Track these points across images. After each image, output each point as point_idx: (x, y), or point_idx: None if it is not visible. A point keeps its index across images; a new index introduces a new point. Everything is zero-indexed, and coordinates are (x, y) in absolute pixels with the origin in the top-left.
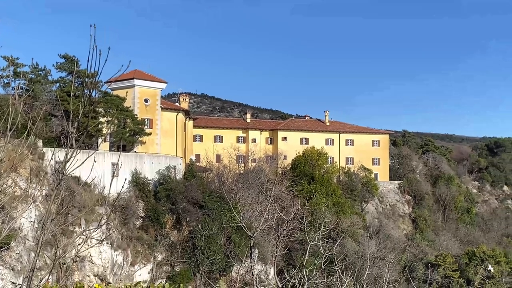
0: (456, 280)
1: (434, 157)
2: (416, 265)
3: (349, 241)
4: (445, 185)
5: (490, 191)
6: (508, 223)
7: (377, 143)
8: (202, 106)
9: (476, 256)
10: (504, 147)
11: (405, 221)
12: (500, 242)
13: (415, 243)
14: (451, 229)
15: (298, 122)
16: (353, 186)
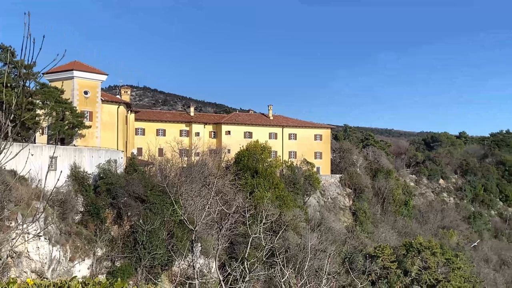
0: (394, 271)
1: (374, 151)
2: (356, 256)
3: (291, 234)
4: (384, 178)
5: (426, 184)
6: (444, 215)
7: (320, 137)
8: (144, 99)
9: (413, 247)
10: (440, 142)
11: (346, 213)
12: (436, 234)
13: (355, 235)
14: (390, 221)
15: (242, 116)
16: (296, 180)
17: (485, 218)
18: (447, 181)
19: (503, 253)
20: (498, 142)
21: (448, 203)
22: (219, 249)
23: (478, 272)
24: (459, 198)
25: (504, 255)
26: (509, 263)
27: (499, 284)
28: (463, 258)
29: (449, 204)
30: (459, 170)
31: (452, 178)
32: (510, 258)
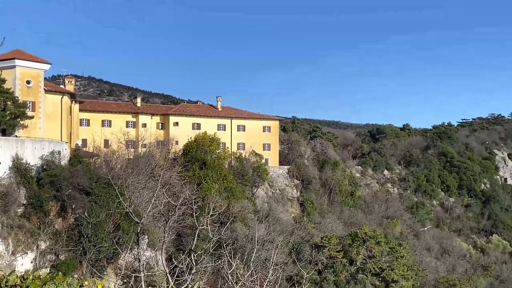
0: (340, 261)
1: (321, 143)
2: (303, 246)
3: (239, 225)
4: (331, 169)
5: (372, 175)
6: (388, 205)
7: (268, 129)
8: (89, 89)
9: (359, 237)
10: (385, 134)
11: (294, 204)
12: (380, 223)
13: (302, 225)
14: (336, 211)
15: (190, 107)
16: (244, 171)
17: (427, 208)
18: (391, 172)
19: (444, 242)
20: (440, 134)
21: (392, 193)
22: (165, 241)
23: (420, 261)
24: (402, 188)
25: (445, 244)
26: (449, 251)
27: (440, 272)
28: (406, 247)
29: (393, 194)
30: (403, 161)
31: (396, 169)
32: (450, 247)
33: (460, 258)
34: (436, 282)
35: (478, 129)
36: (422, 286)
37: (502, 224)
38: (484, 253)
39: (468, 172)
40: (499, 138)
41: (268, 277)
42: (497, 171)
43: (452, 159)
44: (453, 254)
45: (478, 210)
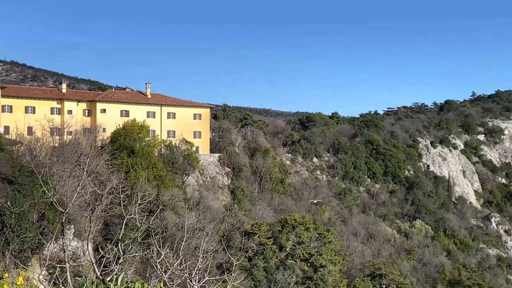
0: (270, 247)
1: (252, 130)
2: (234, 234)
3: (169, 214)
4: (261, 157)
5: (301, 162)
6: (317, 192)
7: (199, 116)
8: (12, 74)
9: (288, 223)
10: (315, 122)
11: (224, 192)
12: (309, 210)
13: (233, 213)
14: (267, 199)
15: (118, 93)
16: (174, 159)
17: (354, 194)
18: (321, 159)
19: (370, 227)
20: (366, 123)
21: (321, 180)
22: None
23: (347, 245)
24: (331, 175)
25: (371, 229)
26: (375, 236)
27: (366, 256)
28: (334, 232)
29: (322, 181)
30: (332, 148)
31: (325, 156)
32: (376, 232)
33: (385, 243)
34: (362, 266)
35: (402, 118)
36: (349, 270)
37: (425, 209)
38: (408, 237)
39: (393, 159)
40: (422, 127)
41: (198, 265)
42: (420, 159)
43: (378, 146)
44: (378, 238)
45: (402, 196)
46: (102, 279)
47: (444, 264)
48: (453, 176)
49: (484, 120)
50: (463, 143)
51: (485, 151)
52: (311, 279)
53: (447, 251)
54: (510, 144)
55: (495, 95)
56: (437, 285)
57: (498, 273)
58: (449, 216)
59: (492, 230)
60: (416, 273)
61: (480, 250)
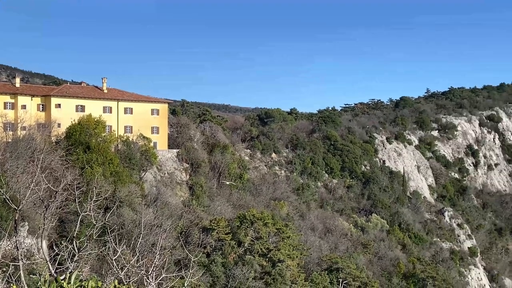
0: (228, 243)
1: (211, 126)
2: (192, 230)
3: (126, 210)
4: (220, 153)
5: (260, 158)
6: (276, 187)
7: (157, 112)
8: None
9: (247, 219)
10: (273, 118)
11: (183, 188)
12: (268, 205)
13: (191, 209)
14: (225, 194)
15: (73, 88)
16: (131, 155)
17: (312, 189)
18: (279, 155)
19: (328, 222)
20: (324, 119)
21: (280, 176)
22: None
23: (305, 240)
24: (289, 171)
25: (328, 223)
26: (332, 231)
27: (323, 250)
28: (292, 227)
29: (280, 177)
30: (290, 144)
31: (284, 152)
32: (333, 226)
33: (342, 237)
34: (320, 260)
35: (359, 114)
36: (307, 264)
37: (381, 203)
38: (364, 231)
39: (350, 154)
40: (378, 123)
41: (155, 262)
42: (376, 154)
43: (336, 142)
44: (335, 233)
45: (359, 190)
46: (55, 277)
47: (399, 257)
48: (408, 171)
49: (438, 116)
50: (417, 138)
51: (439, 147)
52: (269, 274)
53: (402, 245)
54: (462, 140)
55: (448, 92)
56: (392, 278)
57: (451, 266)
58: (404, 210)
59: (445, 224)
60: (372, 267)
61: (434, 243)
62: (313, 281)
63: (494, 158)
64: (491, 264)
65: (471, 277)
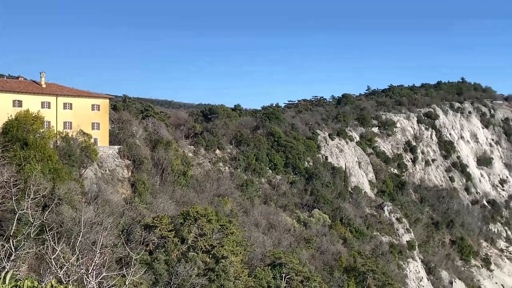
0: (171, 240)
1: (154, 122)
2: (134, 227)
3: (65, 208)
4: (163, 149)
5: (204, 154)
6: (220, 184)
7: (97, 107)
8: None
9: (190, 216)
10: (217, 114)
11: (124, 185)
12: (212, 202)
13: (133, 206)
14: (168, 191)
15: (10, 82)
16: (71, 152)
17: (256, 185)
18: (223, 151)
19: (271, 217)
20: (268, 115)
21: (224, 172)
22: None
23: (249, 236)
24: (233, 167)
25: (272, 219)
26: (276, 226)
27: (267, 246)
28: (236, 223)
29: (224, 173)
30: (234, 140)
31: (228, 148)
32: (277, 222)
33: (285, 232)
34: (263, 256)
35: (302, 111)
36: (250, 260)
37: (323, 199)
38: (307, 226)
39: (293, 151)
40: (321, 119)
41: (95, 260)
42: (319, 150)
43: (279, 138)
44: (279, 228)
45: (302, 186)
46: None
47: (341, 251)
48: (350, 167)
49: (378, 113)
50: (358, 135)
51: (379, 143)
52: (213, 270)
53: (344, 239)
54: (401, 136)
55: (388, 90)
56: (334, 272)
57: (390, 259)
58: (345, 206)
59: (385, 218)
60: (314, 261)
61: (374, 237)
62: (256, 277)
63: (431, 154)
64: (429, 257)
65: (410, 269)
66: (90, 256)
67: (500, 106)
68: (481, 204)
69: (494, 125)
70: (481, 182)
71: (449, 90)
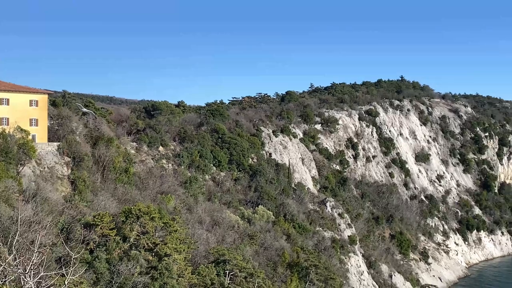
0: (113, 238)
1: (95, 118)
2: (74, 226)
3: (2, 206)
4: (104, 146)
5: (147, 151)
6: (163, 181)
7: (36, 103)
8: None
9: (133, 213)
10: (160, 110)
11: (64, 183)
12: (155, 199)
13: (73, 204)
14: (110, 189)
15: None
16: (8, 149)
17: (200, 182)
18: (166, 148)
19: (215, 214)
20: (212, 112)
21: (167, 169)
22: None
23: (193, 233)
24: (177, 164)
25: (216, 216)
26: (220, 223)
27: (211, 243)
28: (180, 221)
29: (167, 170)
30: (178, 137)
31: (171, 145)
32: (221, 219)
33: (229, 229)
34: (207, 253)
35: (247, 107)
36: (194, 257)
37: (267, 195)
38: (251, 223)
39: (237, 148)
40: (265, 116)
41: (33, 260)
42: (263, 147)
43: (224, 135)
44: (223, 225)
45: (246, 183)
46: None
47: (284, 247)
48: (293, 164)
49: (321, 110)
50: (302, 132)
51: (322, 140)
52: (155, 268)
53: (287, 235)
54: (343, 133)
55: (330, 87)
56: (277, 268)
57: (333, 254)
58: (289, 202)
59: (327, 213)
60: (258, 257)
61: (317, 233)
62: (200, 274)
63: (372, 151)
64: (369, 251)
65: (351, 264)
66: (27, 256)
67: (437, 104)
68: (419, 199)
69: (431, 123)
70: (419, 178)
71: (389, 88)
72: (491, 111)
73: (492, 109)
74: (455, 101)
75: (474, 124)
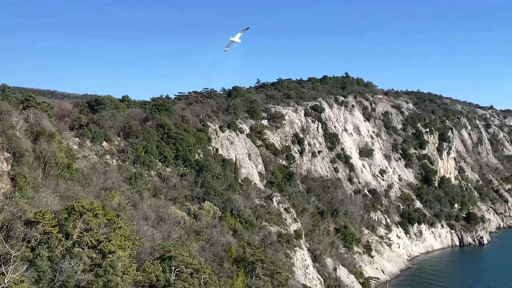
0: (55, 235)
1: (36, 113)
2: (14, 223)
3: None
4: (46, 141)
5: (90, 147)
6: (107, 177)
7: None
8: None
9: (75, 210)
10: (104, 105)
11: (4, 179)
12: (98, 196)
13: (13, 201)
14: (52, 185)
15: None
16: None
17: (145, 178)
18: (111, 143)
19: (161, 210)
20: (158, 107)
21: (111, 165)
22: None
23: (138, 230)
24: (121, 160)
25: (161, 212)
26: (166, 219)
27: (156, 240)
28: (124, 217)
29: (112, 166)
30: (122, 132)
31: (116, 140)
32: (166, 215)
33: (175, 225)
34: (152, 250)
35: (193, 103)
36: (139, 254)
37: (213, 191)
38: (197, 219)
39: (184, 143)
40: (211, 111)
41: None
42: (209, 142)
43: (170, 130)
44: (169, 221)
45: (193, 179)
46: None
47: (231, 242)
48: (240, 159)
49: (268, 106)
50: (248, 127)
51: (268, 135)
52: (99, 265)
53: (234, 230)
54: (289, 128)
55: (277, 83)
56: (223, 263)
57: (279, 249)
58: (235, 197)
59: (273, 208)
60: (204, 253)
61: (263, 227)
62: (145, 271)
63: (318, 146)
64: (314, 245)
65: (297, 258)
66: None
67: (380, 100)
68: (363, 193)
69: (375, 118)
70: (363, 173)
71: (334, 84)
72: (432, 107)
73: (432, 106)
74: (397, 97)
75: (415, 120)
